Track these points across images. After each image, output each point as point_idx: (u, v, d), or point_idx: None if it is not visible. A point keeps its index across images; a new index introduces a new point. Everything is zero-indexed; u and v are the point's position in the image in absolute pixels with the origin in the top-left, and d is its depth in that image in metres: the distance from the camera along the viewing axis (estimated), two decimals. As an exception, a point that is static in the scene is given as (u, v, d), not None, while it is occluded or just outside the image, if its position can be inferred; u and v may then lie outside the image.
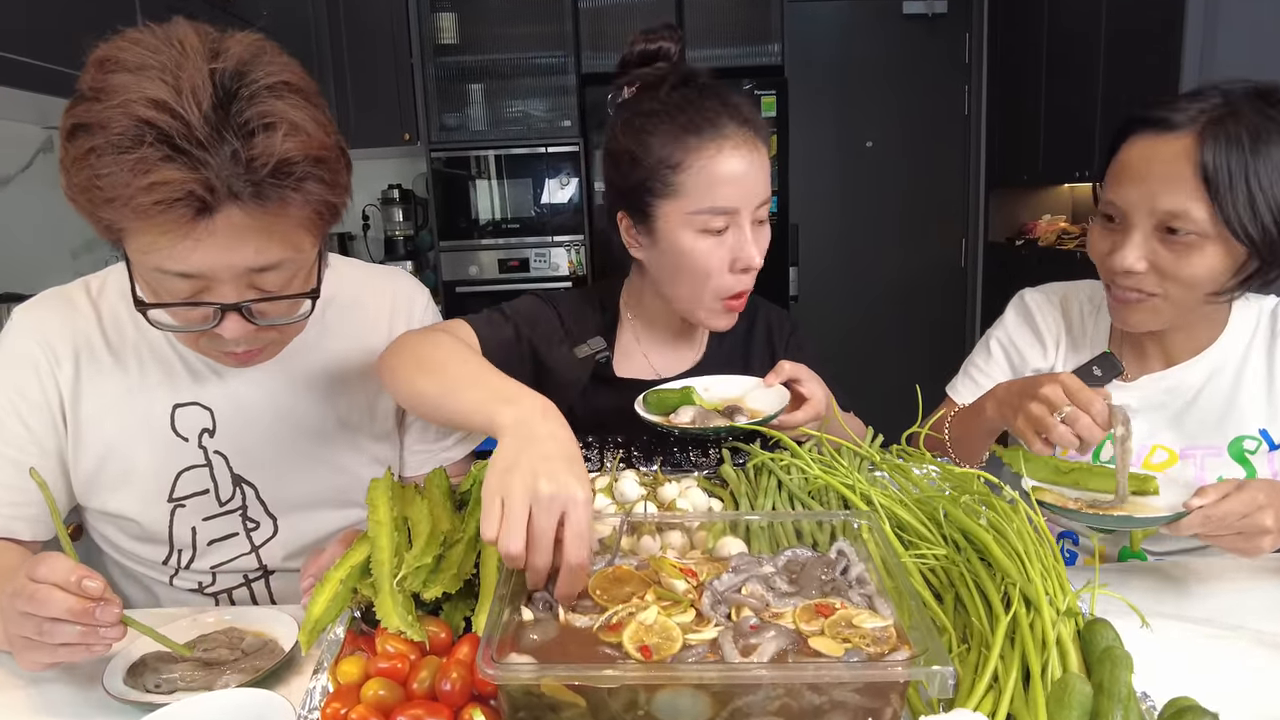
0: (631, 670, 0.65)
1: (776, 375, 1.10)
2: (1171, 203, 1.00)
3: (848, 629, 0.70)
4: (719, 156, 1.10)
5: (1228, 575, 1.07)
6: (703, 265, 1.13)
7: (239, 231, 0.84)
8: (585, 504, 0.75)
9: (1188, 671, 0.86)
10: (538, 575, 0.76)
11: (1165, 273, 1.04)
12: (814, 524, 0.89)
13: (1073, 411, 0.97)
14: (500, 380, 0.91)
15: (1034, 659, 0.68)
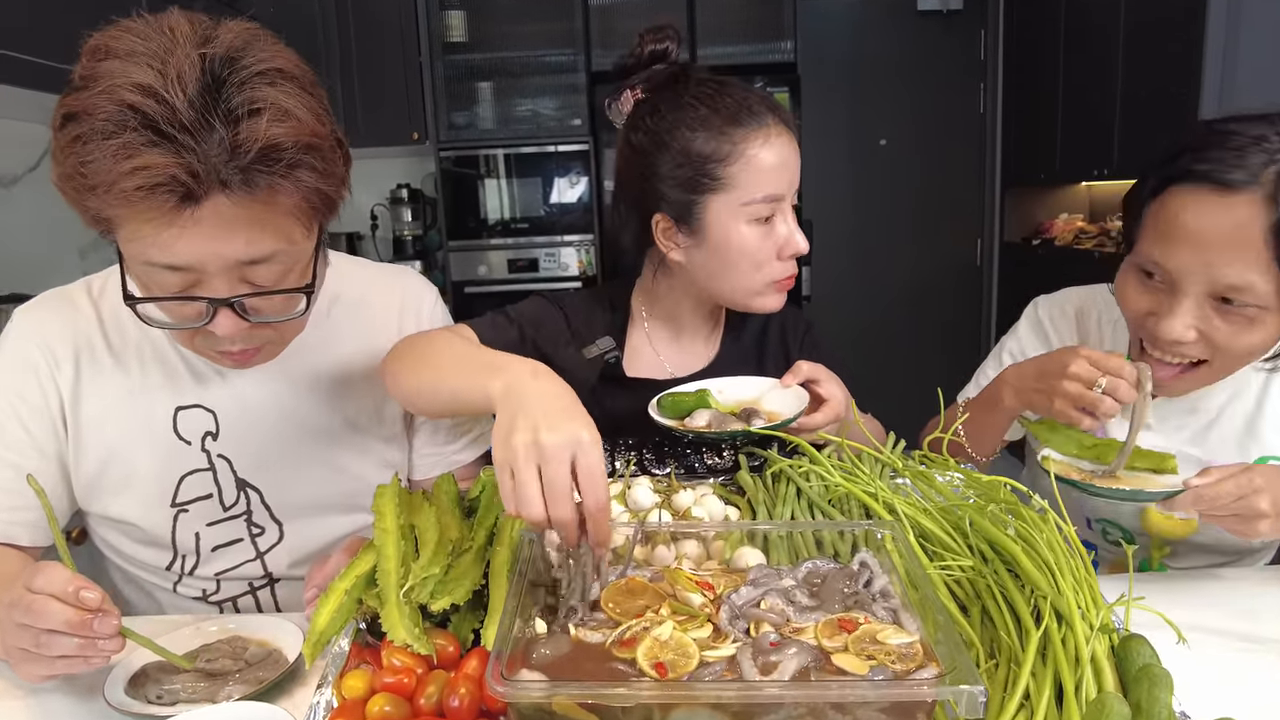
0: (646, 689, 0.62)
1: (794, 376, 1.08)
2: (1235, 275, 0.89)
3: (872, 645, 0.67)
4: (766, 145, 1.10)
5: (1254, 586, 1.04)
6: (754, 256, 1.13)
7: (227, 222, 0.81)
8: (592, 443, 0.73)
9: (1219, 686, 0.83)
10: (567, 530, 0.73)
11: (1217, 345, 0.95)
12: (835, 534, 0.86)
13: (1110, 381, 0.96)
14: (488, 354, 0.90)
15: (1067, 677, 0.65)
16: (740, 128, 1.09)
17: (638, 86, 1.19)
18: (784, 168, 1.11)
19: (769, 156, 1.10)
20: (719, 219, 1.11)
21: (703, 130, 1.09)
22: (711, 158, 1.09)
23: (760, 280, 1.14)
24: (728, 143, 1.09)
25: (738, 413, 1.05)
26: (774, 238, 1.13)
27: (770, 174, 1.10)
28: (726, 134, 1.09)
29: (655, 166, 1.13)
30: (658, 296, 1.25)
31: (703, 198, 1.11)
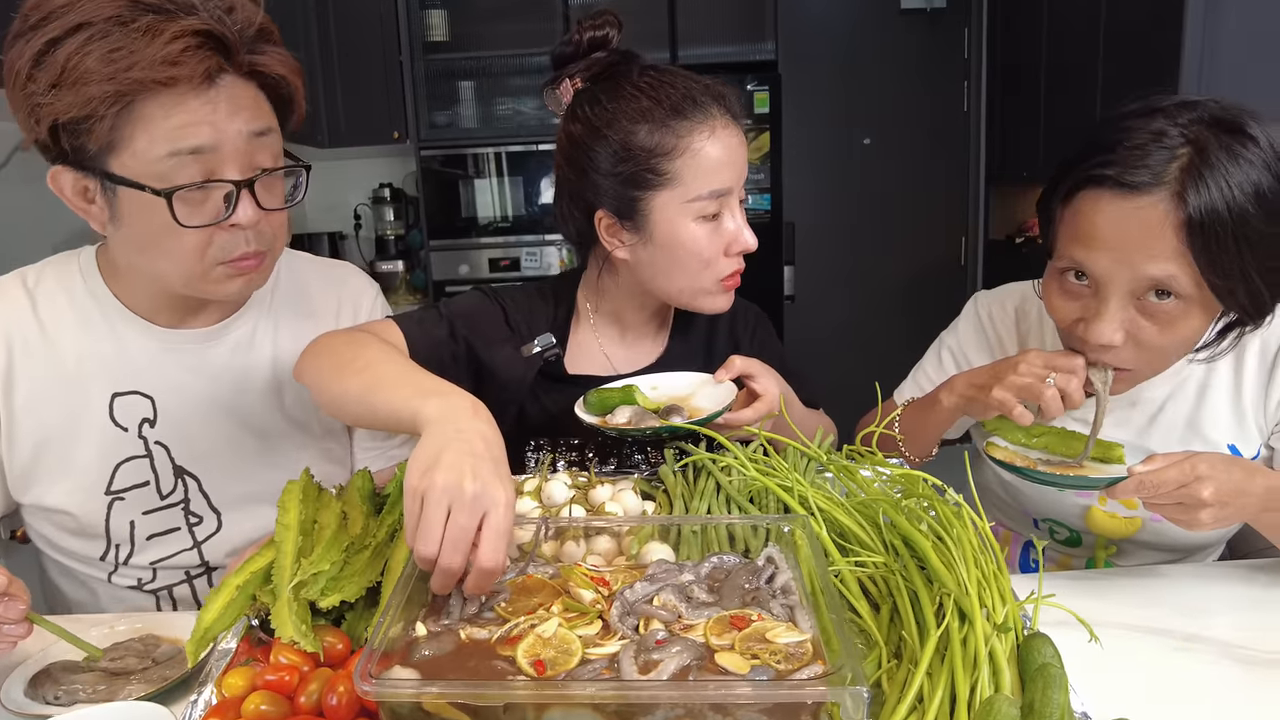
0: (514, 687, 0.60)
1: (726, 371, 1.05)
2: (1156, 269, 0.88)
3: (759, 644, 0.64)
4: (712, 138, 1.06)
5: (1196, 584, 1.02)
6: (702, 254, 1.09)
7: (237, 99, 0.92)
8: (507, 506, 0.70)
9: (1149, 685, 0.81)
10: (446, 578, 0.70)
11: (1145, 344, 0.93)
12: (748, 529, 0.84)
13: (1063, 378, 0.95)
14: (427, 378, 0.86)
15: (960, 677, 0.62)
16: (684, 120, 1.05)
17: (577, 76, 1.16)
18: (731, 161, 1.07)
19: (715, 150, 1.05)
20: (664, 216, 1.07)
21: (645, 122, 1.05)
22: (655, 152, 1.05)
23: (709, 278, 1.10)
24: (671, 136, 1.04)
25: (659, 409, 1.02)
26: (722, 234, 1.09)
27: (717, 168, 1.06)
28: (670, 126, 1.04)
29: (595, 160, 1.08)
30: (603, 293, 1.22)
31: (646, 194, 1.06)
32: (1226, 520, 0.88)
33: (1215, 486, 0.85)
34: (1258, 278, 0.87)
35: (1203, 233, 0.85)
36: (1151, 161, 0.87)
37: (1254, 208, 0.84)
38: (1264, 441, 1.06)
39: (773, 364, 1.17)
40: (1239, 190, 0.84)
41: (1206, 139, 0.86)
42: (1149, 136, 0.88)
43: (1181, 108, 0.90)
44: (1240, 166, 0.85)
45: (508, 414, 1.15)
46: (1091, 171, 0.91)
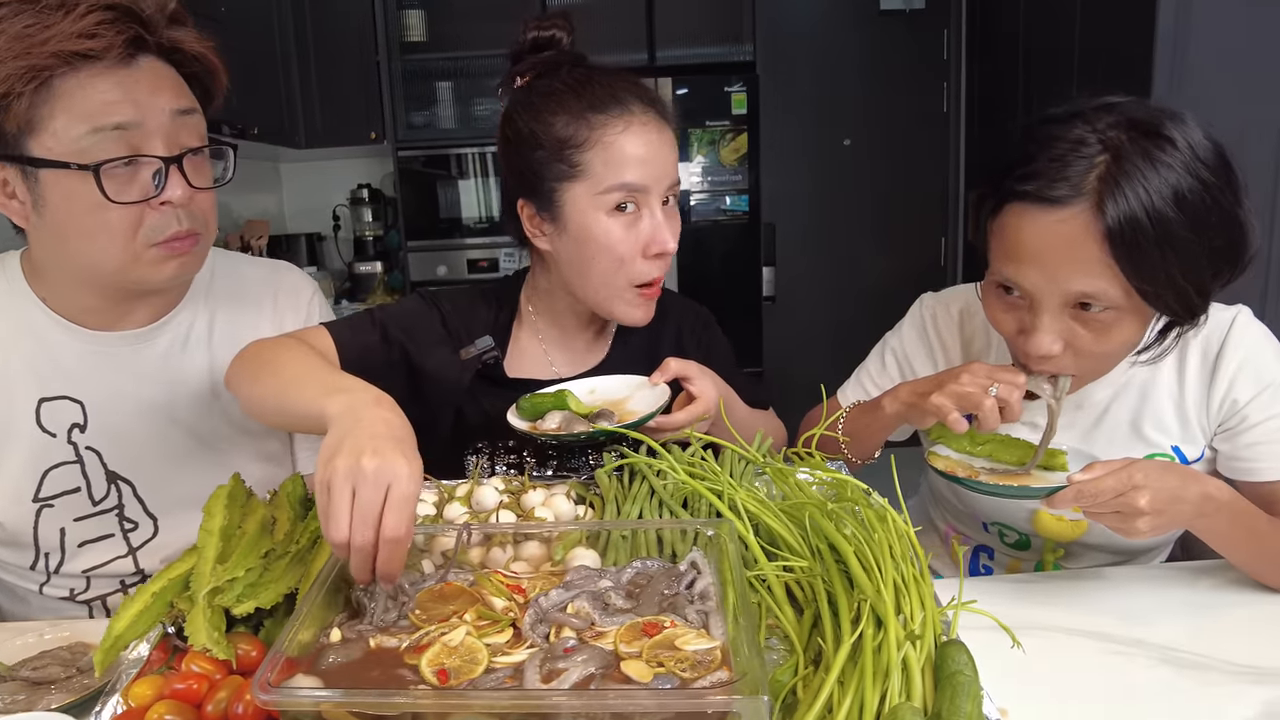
0: (413, 697, 0.59)
1: (662, 373, 1.04)
2: (1083, 284, 0.87)
3: (667, 651, 0.63)
4: (626, 132, 1.06)
5: (1139, 587, 1.01)
6: (614, 251, 1.07)
7: (158, 77, 0.95)
8: (409, 476, 0.70)
9: (1082, 689, 0.81)
10: (362, 557, 0.69)
11: (1083, 352, 0.92)
12: (676, 533, 0.83)
13: (1005, 389, 0.94)
14: (335, 375, 0.86)
15: (869, 685, 0.62)
16: (600, 114, 1.06)
17: (527, 74, 1.16)
18: (648, 159, 1.07)
19: (629, 144, 1.05)
20: (577, 207, 1.07)
21: (562, 115, 1.06)
22: (569, 143, 1.05)
23: (623, 280, 1.09)
24: (585, 128, 1.05)
25: (590, 414, 1.01)
26: (638, 233, 1.08)
27: (630, 163, 1.06)
28: (585, 119, 1.05)
29: (518, 151, 1.09)
30: (542, 293, 1.21)
31: (561, 184, 1.07)
32: (1163, 528, 0.87)
33: (1151, 495, 0.84)
34: (1184, 281, 0.86)
35: (1124, 241, 0.84)
36: (1070, 173, 0.86)
37: (1174, 212, 0.84)
38: (1207, 443, 1.05)
39: (720, 366, 1.17)
40: (1158, 195, 0.83)
41: (1123, 145, 0.85)
42: (1068, 146, 0.87)
43: (1100, 111, 0.89)
44: (1158, 171, 0.84)
45: (445, 418, 1.14)
46: (1014, 186, 0.90)
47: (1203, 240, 0.85)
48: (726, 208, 3.56)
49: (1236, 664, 0.84)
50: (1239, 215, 0.87)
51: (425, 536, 0.83)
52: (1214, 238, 0.86)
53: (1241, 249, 0.89)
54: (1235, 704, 0.77)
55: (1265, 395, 1.00)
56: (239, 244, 3.46)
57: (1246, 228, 0.88)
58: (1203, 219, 0.85)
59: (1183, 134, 0.86)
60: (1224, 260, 0.88)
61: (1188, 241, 0.84)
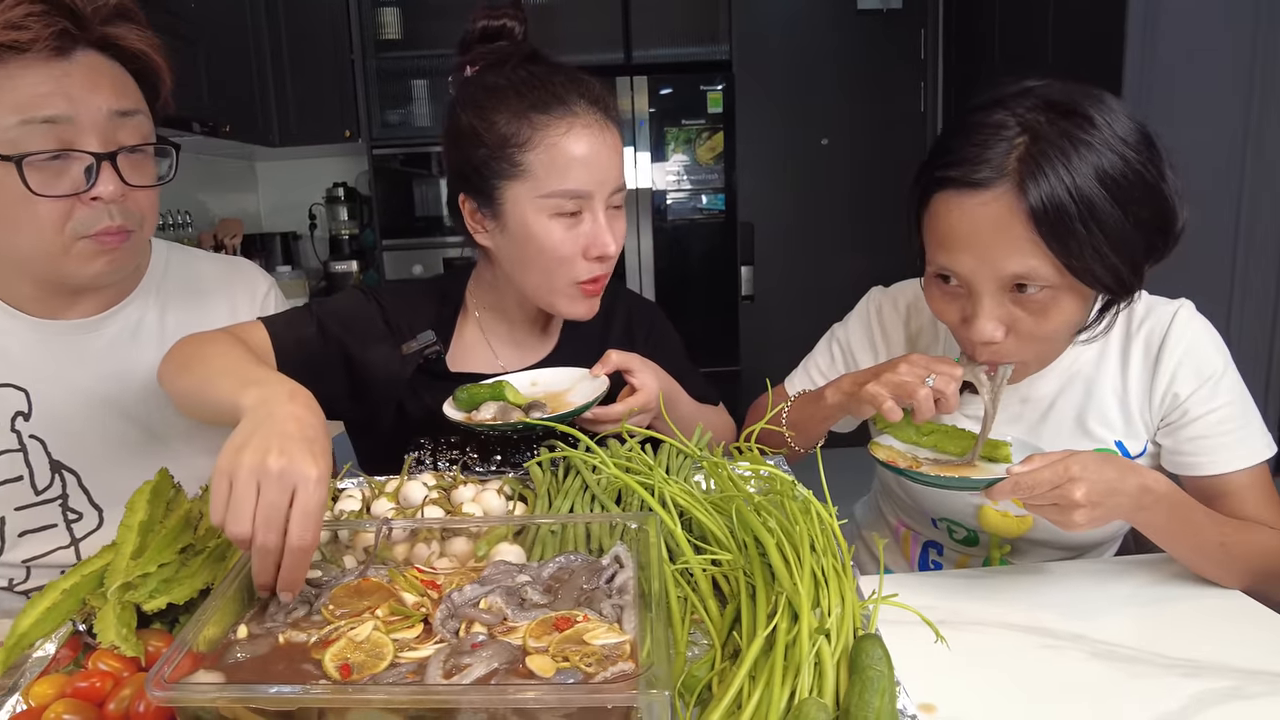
0: (310, 691, 0.58)
1: (603, 366, 1.03)
2: (1016, 265, 0.87)
3: (575, 646, 0.62)
4: (569, 135, 1.03)
5: (1080, 581, 1.00)
6: (555, 253, 1.06)
7: (96, 74, 0.94)
8: (317, 481, 0.68)
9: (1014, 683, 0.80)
10: (265, 558, 0.68)
11: (1025, 335, 0.92)
12: (605, 527, 0.82)
13: (942, 380, 0.94)
14: (254, 369, 0.84)
15: (777, 679, 0.61)
16: (543, 114, 1.03)
17: (477, 63, 1.14)
18: (592, 163, 1.04)
19: (572, 147, 1.03)
20: (518, 208, 1.05)
21: (505, 112, 1.04)
22: (510, 142, 1.03)
23: (563, 279, 1.08)
24: (527, 127, 1.03)
25: (525, 405, 1.00)
26: (579, 235, 1.06)
27: (574, 167, 1.03)
28: (528, 119, 1.03)
29: (461, 146, 1.07)
30: (486, 286, 1.20)
31: (501, 183, 1.05)
32: (1100, 520, 0.87)
33: (1088, 487, 0.84)
34: (1114, 256, 0.86)
35: (1049, 219, 0.84)
36: (990, 155, 0.87)
37: (1096, 187, 0.84)
38: (1150, 438, 1.05)
39: (669, 360, 1.16)
40: (1078, 173, 0.84)
41: (1041, 125, 0.86)
42: (988, 131, 0.88)
43: (1020, 95, 0.90)
44: (1077, 149, 0.84)
45: (387, 413, 1.12)
46: (939, 173, 0.91)
47: (1128, 215, 0.86)
48: (703, 206, 3.56)
49: (1170, 657, 0.83)
50: (1163, 189, 0.88)
51: (350, 532, 0.82)
52: (1139, 212, 0.86)
53: (1169, 221, 0.89)
54: (1163, 697, 0.77)
55: (1205, 389, 1.00)
56: (212, 242, 3.43)
57: (1172, 201, 0.89)
58: (1126, 193, 0.85)
59: (1101, 113, 0.86)
60: (1153, 233, 0.89)
61: (1113, 216, 0.85)
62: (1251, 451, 1.00)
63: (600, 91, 1.09)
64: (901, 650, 0.79)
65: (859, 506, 1.38)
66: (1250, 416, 1.01)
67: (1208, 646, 0.85)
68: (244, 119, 3.27)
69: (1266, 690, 0.78)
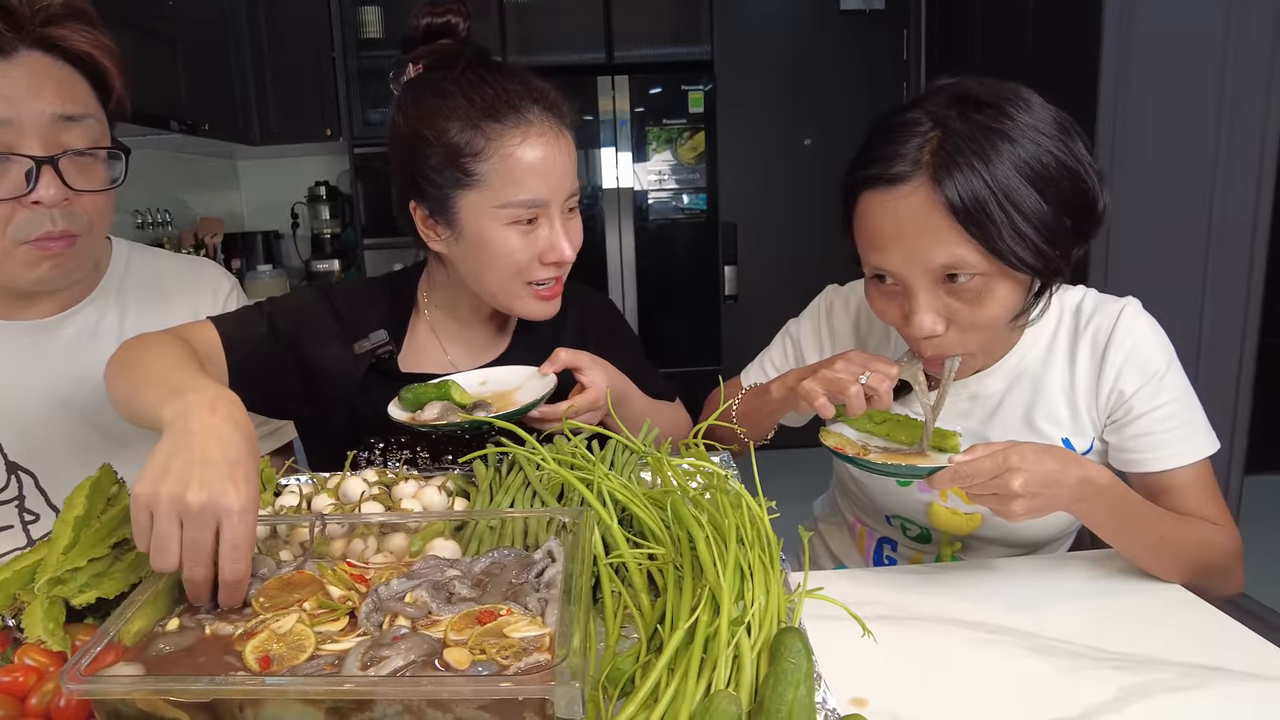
0: (224, 683, 0.58)
1: (551, 364, 1.03)
2: (943, 256, 0.88)
3: (494, 639, 0.63)
4: (525, 144, 1.02)
5: (1026, 576, 1.01)
6: (512, 259, 1.05)
7: (39, 76, 0.93)
8: (241, 513, 0.67)
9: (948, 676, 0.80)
10: (197, 589, 0.68)
11: (964, 325, 0.93)
12: (542, 522, 0.82)
13: (875, 377, 0.94)
14: (182, 375, 0.82)
15: (693, 672, 0.61)
16: (496, 123, 1.02)
17: (421, 62, 1.13)
18: (547, 171, 1.03)
19: (528, 156, 1.02)
20: (473, 217, 1.04)
21: (456, 120, 1.02)
22: (464, 152, 1.02)
23: (520, 284, 1.08)
24: (481, 138, 1.02)
25: (468, 404, 1.00)
26: (536, 242, 1.05)
27: (530, 176, 1.02)
28: (481, 128, 1.02)
29: (411, 152, 1.06)
30: (439, 287, 1.19)
31: (456, 192, 1.04)
32: (1039, 511, 0.87)
33: (1026, 477, 0.85)
34: (1035, 238, 0.87)
35: (965, 206, 0.85)
36: (905, 150, 0.88)
37: (1011, 174, 0.85)
38: (1097, 435, 1.06)
39: (623, 358, 1.16)
40: (991, 161, 0.85)
41: (952, 118, 0.87)
42: (902, 128, 0.89)
43: (933, 94, 0.91)
44: (989, 138, 0.86)
45: (339, 412, 1.12)
46: (859, 173, 0.92)
47: (1046, 198, 0.87)
48: (685, 206, 3.56)
49: (1106, 651, 0.84)
50: (1080, 172, 0.89)
51: (287, 527, 0.82)
52: (1058, 195, 0.88)
53: (1089, 202, 0.91)
54: (1091, 689, 0.77)
55: (1150, 386, 1.01)
56: (193, 241, 3.43)
57: (1090, 182, 0.90)
58: (1042, 177, 0.87)
59: (1014, 104, 0.88)
60: (1074, 215, 0.90)
61: (1030, 199, 0.86)
62: (1194, 448, 1.01)
63: (554, 96, 1.08)
64: (838, 645, 0.81)
65: (818, 503, 1.39)
66: (1193, 413, 1.02)
67: (1144, 640, 0.86)
68: (224, 118, 3.26)
69: (1196, 683, 0.79)
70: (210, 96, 3.16)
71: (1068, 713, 0.74)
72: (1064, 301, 1.07)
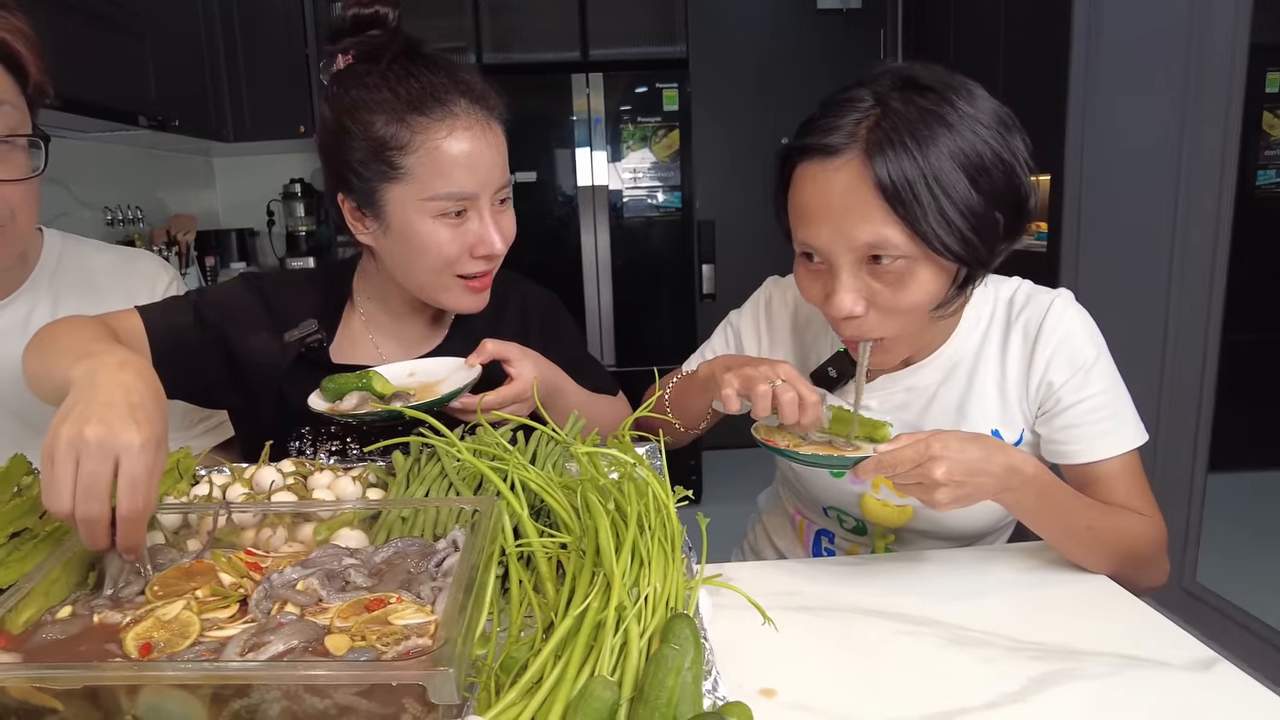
0: (97, 670, 0.57)
1: (478, 355, 1.02)
2: (868, 234, 0.88)
3: (377, 626, 0.62)
4: (451, 137, 1.01)
5: (954, 568, 1.01)
6: (441, 252, 1.04)
7: None
8: (141, 447, 0.67)
9: (861, 666, 0.80)
10: (90, 529, 0.68)
11: (885, 308, 0.93)
12: (452, 512, 0.81)
13: (784, 386, 0.93)
14: (92, 342, 0.82)
15: (576, 658, 0.61)
16: (422, 115, 1.01)
17: (349, 52, 1.12)
18: (474, 164, 1.02)
19: (454, 149, 1.01)
20: (400, 210, 1.03)
21: (382, 114, 1.01)
22: (389, 145, 1.01)
23: (449, 277, 1.07)
24: (407, 130, 1.00)
25: (388, 395, 0.99)
26: (465, 235, 1.04)
27: (457, 170, 1.01)
28: (406, 121, 1.00)
29: (337, 145, 1.05)
30: (371, 278, 1.18)
31: (382, 185, 1.03)
32: (965, 499, 0.87)
33: (949, 466, 0.84)
34: (961, 224, 0.87)
35: (895, 188, 0.85)
36: (842, 123, 0.88)
37: (945, 159, 0.86)
38: (1028, 426, 1.06)
39: (563, 351, 1.15)
40: (926, 144, 0.85)
41: (895, 99, 0.88)
42: (844, 103, 0.90)
43: (881, 75, 0.91)
44: (927, 122, 0.86)
45: (267, 403, 1.11)
46: (796, 144, 0.93)
47: (978, 187, 0.87)
48: (660, 204, 3.56)
49: (1023, 641, 0.84)
50: (1015, 168, 0.89)
51: (197, 516, 0.82)
52: (990, 186, 0.88)
53: (1020, 199, 0.91)
54: (1006, 679, 0.77)
55: (1078, 378, 1.01)
56: (165, 239, 3.41)
57: (1023, 179, 0.90)
58: (976, 167, 0.87)
59: (958, 93, 0.88)
60: (1005, 209, 0.90)
61: (960, 185, 0.86)
62: (1122, 439, 1.01)
63: (482, 88, 1.06)
64: (755, 637, 0.81)
65: (762, 497, 1.39)
66: (1122, 405, 1.02)
67: (1064, 631, 0.86)
68: (195, 114, 3.24)
69: (1106, 671, 0.79)
70: (180, 92, 3.14)
71: (974, 701, 0.74)
72: (998, 293, 1.07)
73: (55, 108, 2.26)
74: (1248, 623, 2.24)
